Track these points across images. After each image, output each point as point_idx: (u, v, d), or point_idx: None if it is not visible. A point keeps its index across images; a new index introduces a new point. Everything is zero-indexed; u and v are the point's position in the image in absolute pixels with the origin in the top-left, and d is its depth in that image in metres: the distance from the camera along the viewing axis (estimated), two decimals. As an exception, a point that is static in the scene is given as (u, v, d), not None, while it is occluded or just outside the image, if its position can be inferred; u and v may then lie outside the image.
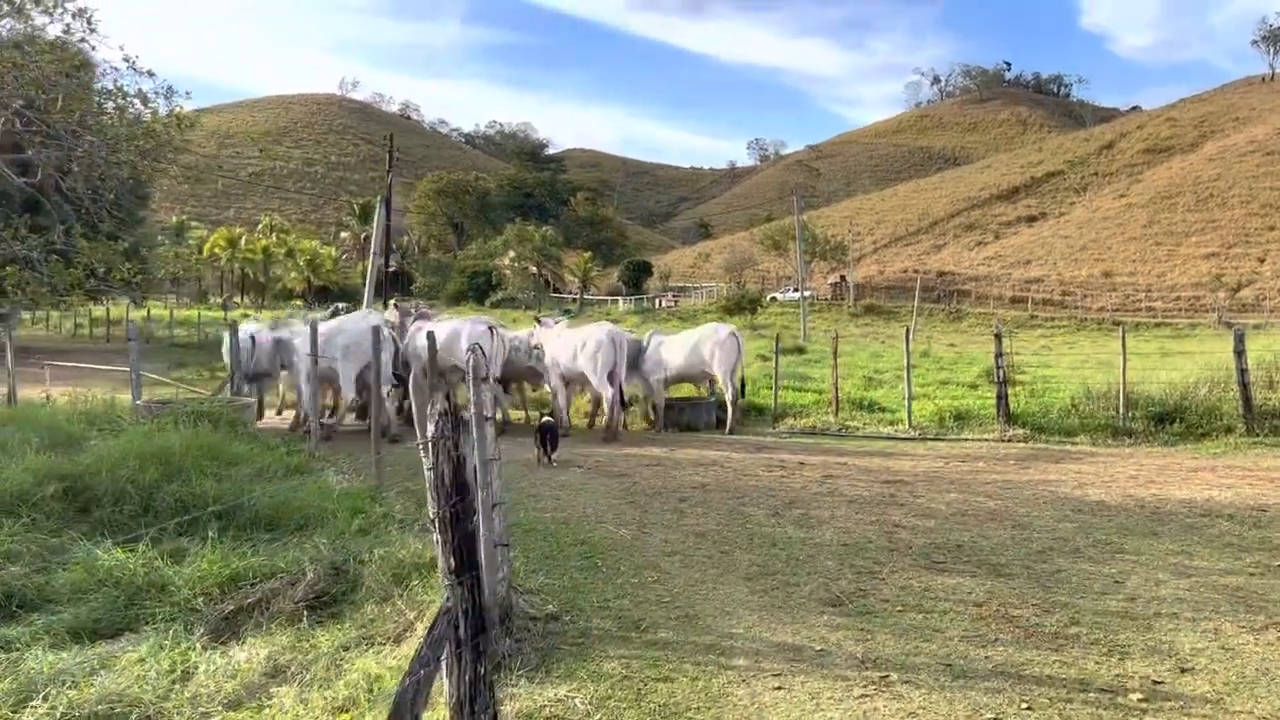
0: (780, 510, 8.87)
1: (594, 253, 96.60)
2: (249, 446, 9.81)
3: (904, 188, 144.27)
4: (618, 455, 12.20)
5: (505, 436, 14.24)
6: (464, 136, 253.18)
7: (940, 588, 6.60)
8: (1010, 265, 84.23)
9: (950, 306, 70.91)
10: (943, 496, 9.48)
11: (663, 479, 10.35)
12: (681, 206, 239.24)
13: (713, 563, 7.26)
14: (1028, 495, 9.57)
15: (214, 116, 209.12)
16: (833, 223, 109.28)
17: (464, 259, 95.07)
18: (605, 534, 8.09)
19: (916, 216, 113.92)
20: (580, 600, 6.51)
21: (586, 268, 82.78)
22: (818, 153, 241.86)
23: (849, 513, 8.77)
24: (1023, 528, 8.24)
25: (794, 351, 35.64)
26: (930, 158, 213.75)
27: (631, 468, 11.14)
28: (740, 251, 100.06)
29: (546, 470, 10.89)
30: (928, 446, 13.58)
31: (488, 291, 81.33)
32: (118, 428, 10.04)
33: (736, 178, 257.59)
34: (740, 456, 12.28)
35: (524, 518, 8.65)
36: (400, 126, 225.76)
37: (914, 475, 10.79)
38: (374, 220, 24.20)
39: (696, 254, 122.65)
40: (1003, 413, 14.60)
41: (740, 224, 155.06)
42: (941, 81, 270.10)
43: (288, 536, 7.79)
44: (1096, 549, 7.59)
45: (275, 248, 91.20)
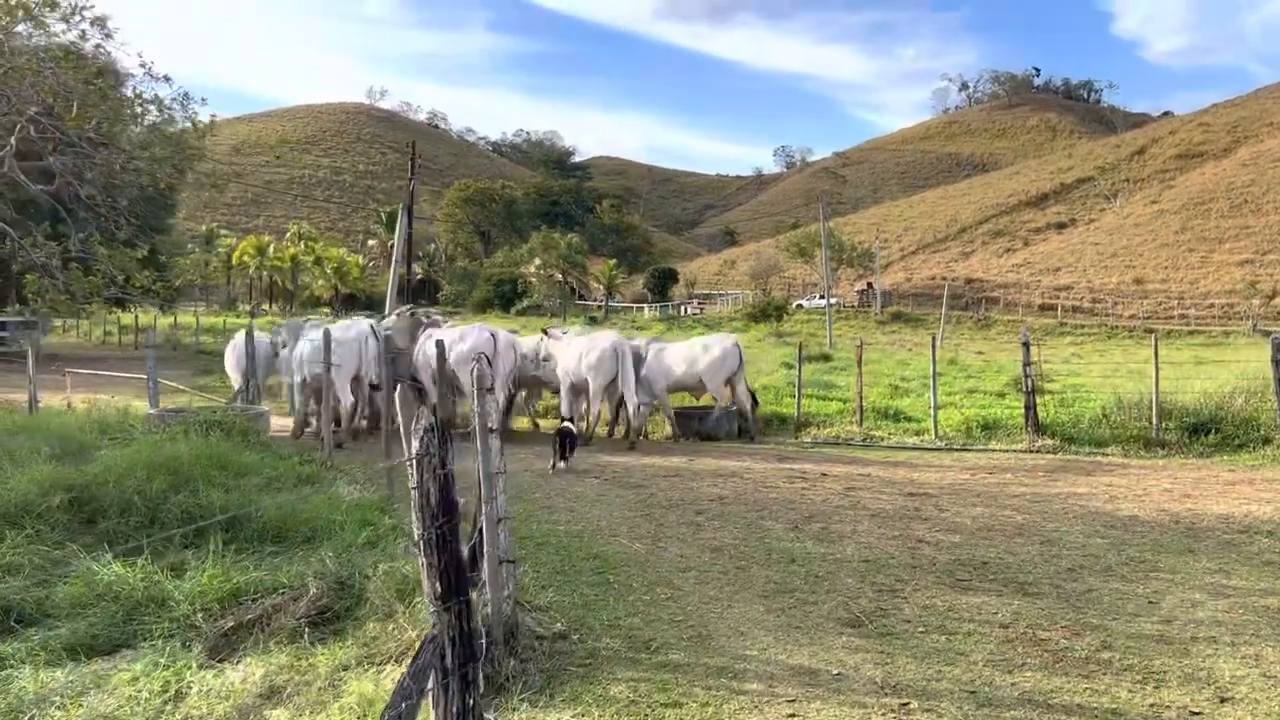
0: (800, 524, 8.62)
1: (619, 260, 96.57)
2: (260, 456, 9.68)
3: (932, 194, 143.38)
4: (636, 465, 11.99)
5: (522, 445, 14.07)
6: (491, 145, 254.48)
7: (964, 608, 6.33)
8: (1039, 272, 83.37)
9: (978, 314, 70.23)
10: (968, 510, 9.19)
11: (680, 491, 10.13)
12: (707, 214, 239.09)
13: (728, 579, 7.02)
14: (1057, 509, 9.27)
15: (245, 126, 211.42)
16: (859, 229, 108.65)
17: (490, 267, 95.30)
18: (619, 548, 7.87)
19: (944, 223, 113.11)
20: (590, 618, 6.29)
21: (612, 275, 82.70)
22: (844, 160, 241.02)
23: (871, 527, 8.51)
24: (1051, 544, 7.95)
25: (819, 359, 35.30)
26: (958, 164, 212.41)
27: (649, 478, 10.92)
28: (766, 259, 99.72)
29: (562, 481, 10.69)
30: (954, 457, 13.27)
31: (514, 299, 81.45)
32: (129, 437, 9.94)
33: (763, 185, 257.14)
34: (761, 467, 12.03)
35: (537, 530, 8.45)
36: (428, 135, 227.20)
37: (939, 488, 10.50)
38: (397, 228, 24.15)
39: (722, 261, 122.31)
40: (1031, 423, 14.26)
41: (766, 231, 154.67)
42: (969, 87, 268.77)
43: (294, 549, 7.64)
44: (1129, 567, 7.30)
45: (303, 255, 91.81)
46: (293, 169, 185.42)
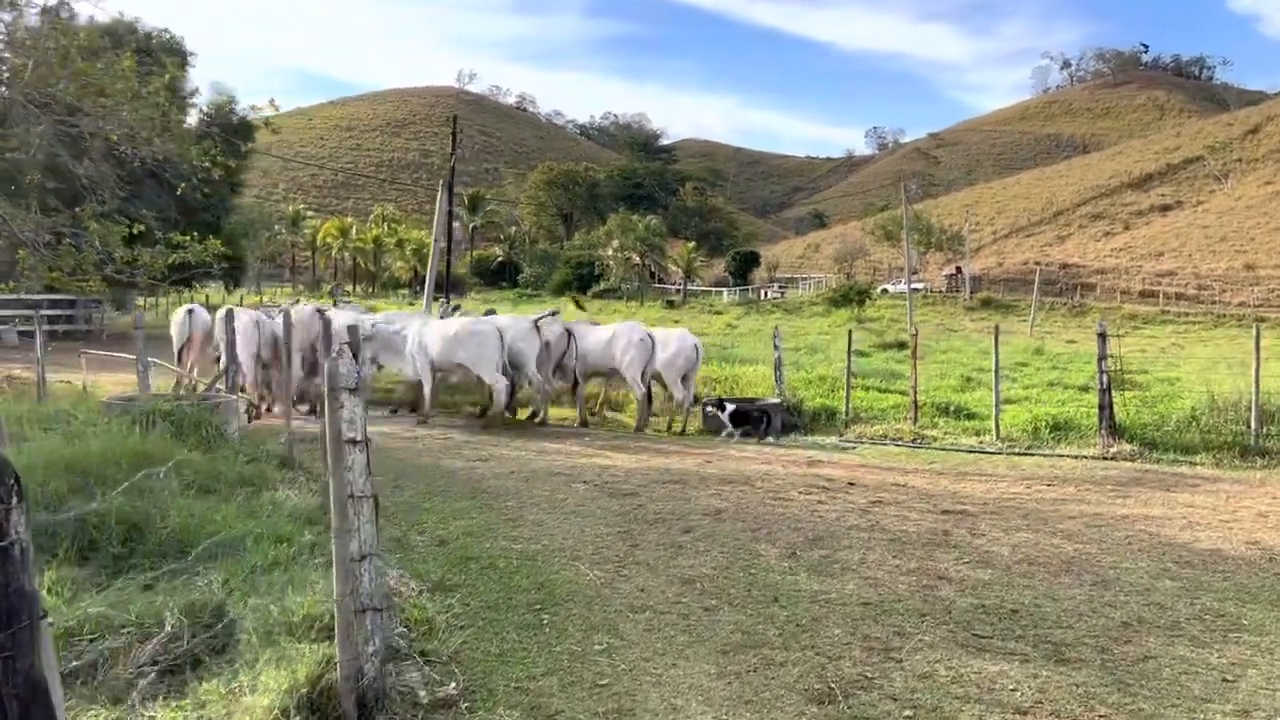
0: (799, 549, 7.20)
1: (701, 243, 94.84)
2: (201, 453, 8.63)
3: (1027, 176, 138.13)
4: (639, 468, 10.65)
5: (525, 438, 12.88)
6: (578, 128, 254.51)
7: (974, 678, 4.88)
8: (1141, 257, 79.15)
9: (1073, 300, 66.82)
10: (1008, 537, 7.63)
11: (674, 501, 8.77)
12: (796, 197, 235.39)
13: (687, 625, 5.68)
14: (1119, 538, 7.65)
15: (337, 110, 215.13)
16: (949, 212, 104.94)
17: (570, 249, 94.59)
18: (572, 576, 6.58)
19: (1040, 206, 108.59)
20: (497, 676, 5.02)
21: (690, 258, 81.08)
22: (938, 141, 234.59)
23: (884, 556, 7.05)
24: (1105, 586, 6.40)
25: (895, 347, 33.41)
26: (1058, 145, 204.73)
27: (646, 484, 9.58)
28: (851, 242, 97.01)
29: (546, 487, 9.42)
30: (1011, 463, 11.61)
31: (591, 282, 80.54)
32: (66, 428, 9.01)
33: (853, 167, 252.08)
34: (784, 473, 10.59)
35: (488, 549, 7.21)
36: (515, 118, 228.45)
37: (981, 503, 8.94)
38: (436, 205, 23.18)
39: (806, 244, 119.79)
40: (1106, 424, 12.50)
41: (855, 214, 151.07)
42: (1072, 65, 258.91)
43: (196, 566, 6.55)
44: (1202, 624, 5.73)
45: (386, 237, 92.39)
46: (383, 152, 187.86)
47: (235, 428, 10.09)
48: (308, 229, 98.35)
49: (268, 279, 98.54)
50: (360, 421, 4.63)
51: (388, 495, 9.06)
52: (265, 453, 9.56)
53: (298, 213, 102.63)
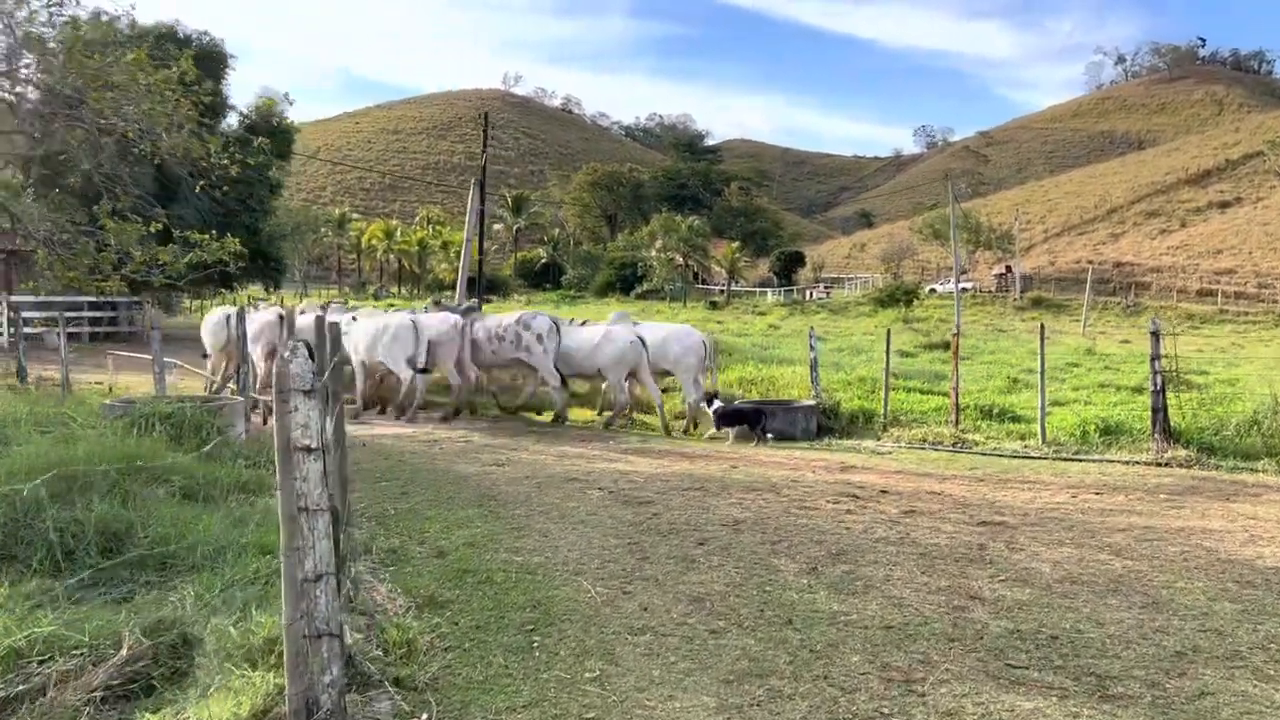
0: (821, 565, 6.66)
1: (746, 243, 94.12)
2: (197, 457, 8.28)
3: (1079, 173, 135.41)
4: (659, 474, 10.15)
5: (548, 441, 12.42)
6: (623, 129, 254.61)
7: (1006, 716, 4.34)
8: (1198, 255, 77.05)
9: (1128, 299, 65.14)
10: (1050, 551, 7.02)
11: (692, 511, 8.26)
12: (842, 196, 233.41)
13: (690, 650, 5.18)
14: (1173, 554, 7.01)
15: (384, 113, 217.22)
16: (999, 210, 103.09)
17: (613, 250, 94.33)
18: (572, 593, 6.10)
19: (1093, 204, 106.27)
20: (474, 708, 4.57)
21: (734, 258, 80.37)
22: (988, 139, 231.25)
23: (913, 572, 6.48)
24: (1156, 608, 5.79)
25: (941, 347, 32.56)
26: (1112, 142, 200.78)
27: (664, 491, 9.08)
28: (898, 241, 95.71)
29: (557, 493, 8.96)
30: (1057, 470, 10.94)
31: (634, 283, 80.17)
32: (63, 431, 8.73)
33: (901, 166, 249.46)
34: (812, 479, 10.03)
35: (487, 561, 6.76)
36: (561, 120, 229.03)
37: (1022, 514, 8.31)
38: (469, 203, 22.86)
39: (853, 244, 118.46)
40: (1160, 428, 11.77)
41: (903, 213, 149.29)
42: (1126, 61, 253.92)
43: (175, 579, 6.21)
44: (1266, 653, 5.12)
45: (430, 239, 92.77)
46: (429, 155, 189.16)
47: (240, 431, 9.76)
48: (353, 231, 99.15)
49: (315, 281, 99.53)
50: (317, 427, 4.19)
51: (393, 502, 8.68)
52: (267, 457, 9.19)
53: (344, 215, 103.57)
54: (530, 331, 15.08)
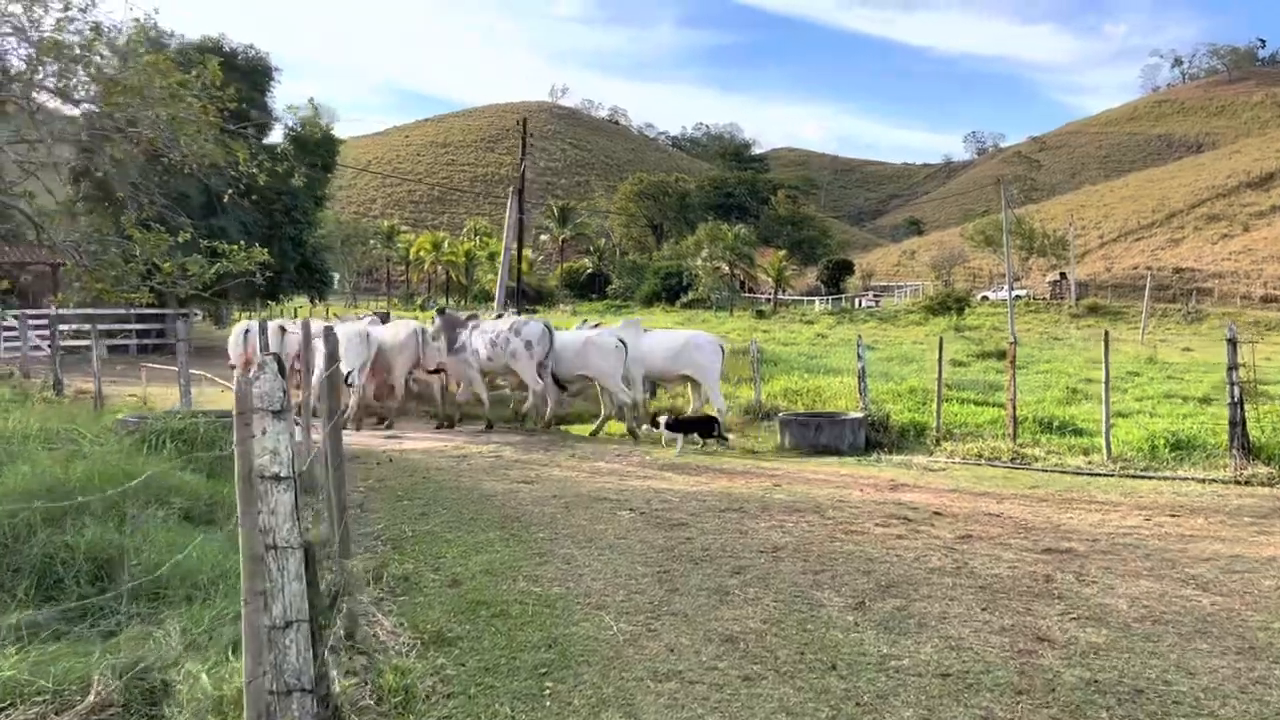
0: (869, 598, 6.03)
1: (793, 252, 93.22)
2: (207, 476, 7.86)
3: (1135, 177, 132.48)
4: (696, 492, 9.55)
5: (582, 456, 11.88)
6: (670, 139, 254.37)
7: (1087, 792, 3.69)
8: (1262, 260, 74.72)
9: (1188, 306, 63.24)
10: (1126, 585, 6.32)
11: (729, 534, 7.66)
12: (892, 204, 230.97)
13: (719, 701, 4.59)
14: (1267, 588, 6.27)
15: (433, 126, 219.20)
16: (1053, 216, 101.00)
17: (658, 260, 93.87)
18: (593, 630, 5.54)
19: (1150, 208, 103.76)
20: (471, 768, 4.02)
21: (781, 267, 79.46)
22: (1041, 144, 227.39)
23: (972, 609, 5.83)
24: (1254, 654, 5.09)
25: (995, 356, 31.56)
26: (1169, 146, 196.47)
27: (700, 512, 8.48)
28: (949, 248, 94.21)
29: (586, 514, 8.40)
30: (1126, 489, 10.16)
31: (680, 293, 79.59)
32: (70, 448, 8.36)
33: (951, 173, 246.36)
34: (859, 498, 9.37)
35: (504, 592, 6.22)
36: (607, 131, 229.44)
37: (1091, 539, 7.60)
38: (507, 212, 22.47)
39: (902, 252, 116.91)
40: (1238, 442, 10.93)
41: (953, 220, 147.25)
42: (1184, 63, 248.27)
43: (167, 610, 5.75)
44: (1391, 713, 4.41)
45: (477, 250, 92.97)
46: (477, 167, 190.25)
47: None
48: (401, 243, 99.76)
49: (364, 293, 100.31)
50: (287, 453, 3.68)
51: (412, 523, 8.19)
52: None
53: (392, 228, 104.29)
54: (520, 338, 14.73)
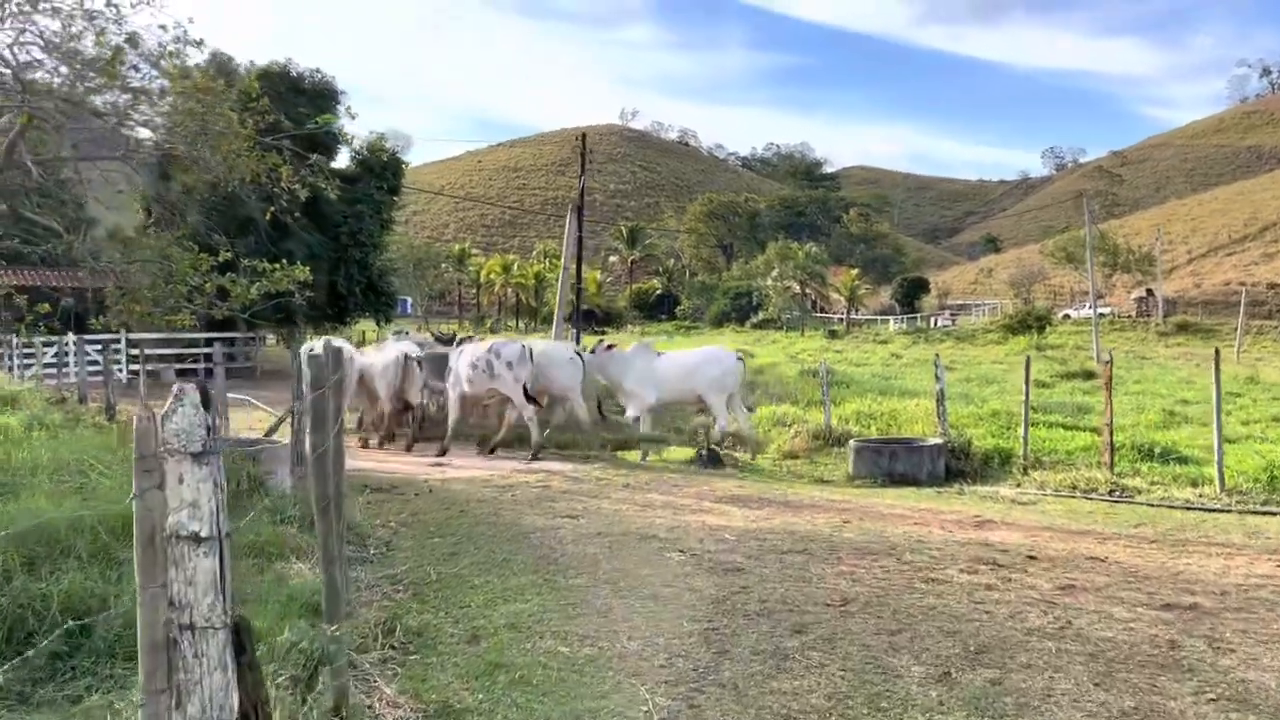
0: (956, 668, 5.05)
1: (866, 270, 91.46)
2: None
3: (1225, 190, 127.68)
4: (756, 529, 8.60)
5: (636, 487, 11.01)
6: (740, 160, 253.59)
7: None
8: (1365, 273, 70.97)
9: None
10: (1271, 653, 5.24)
11: (790, 583, 6.72)
12: (967, 221, 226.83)
13: (770, 808, 3.68)
14: None
15: (505, 151, 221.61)
16: (1137, 231, 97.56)
17: (728, 280, 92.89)
18: (623, 705, 4.67)
19: (1242, 222, 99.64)
20: None
21: (854, 285, 77.85)
22: (1122, 158, 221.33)
23: (1082, 683, 4.82)
24: None
25: (1081, 376, 29.97)
26: (1259, 158, 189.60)
27: (759, 554, 7.54)
28: (1028, 265, 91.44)
29: (634, 555, 7.52)
30: (1249, 528, 8.96)
31: (750, 313, 78.48)
32: (80, 480, 7.76)
33: (1029, 189, 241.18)
34: (940, 537, 8.35)
35: (527, 652, 5.39)
36: (677, 153, 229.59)
37: (1219, 592, 6.50)
38: (565, 231, 21.82)
39: (979, 269, 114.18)
40: (1376, 475, 9.65)
41: (1032, 237, 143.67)
42: (1273, 73, 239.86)
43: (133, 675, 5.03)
44: None
45: (546, 272, 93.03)
46: (548, 190, 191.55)
47: (283, 477, 8.67)
48: (472, 267, 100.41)
49: (437, 315, 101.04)
50: (211, 508, 2.89)
51: (439, 564, 7.40)
52: (303, 511, 8.05)
53: (463, 251, 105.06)
54: (500, 360, 14.11)
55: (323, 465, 4.69)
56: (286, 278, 12.16)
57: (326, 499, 4.66)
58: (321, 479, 4.69)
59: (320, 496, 4.66)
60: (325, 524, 4.69)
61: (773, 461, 14.70)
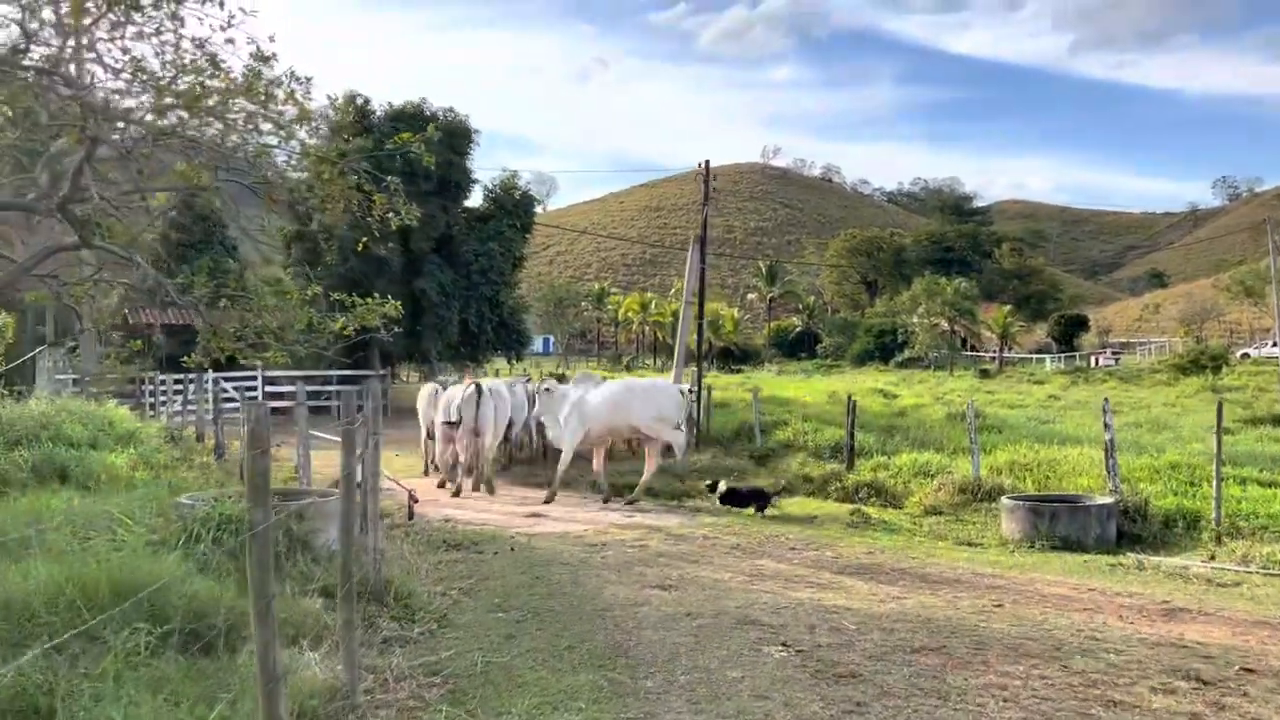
0: None
1: (1020, 307, 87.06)
2: (237, 579, 6.13)
3: None
4: (882, 613, 7.01)
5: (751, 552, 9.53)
6: (885, 195, 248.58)
7: None
8: None
9: None
10: None
11: (919, 698, 5.15)
12: (1129, 256, 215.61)
13: None
14: None
15: (647, 191, 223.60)
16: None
17: (871, 317, 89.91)
18: None
19: None
20: None
21: (1006, 323, 73.93)
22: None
23: None
24: None
25: (1269, 421, 26.68)
26: None
27: (883, 653, 5.97)
28: (1200, 301, 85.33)
29: (725, 648, 6.09)
30: None
31: (894, 351, 75.52)
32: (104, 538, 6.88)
33: (1198, 221, 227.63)
34: (1119, 632, 6.59)
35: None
36: (820, 189, 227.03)
37: None
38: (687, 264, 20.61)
39: (1144, 306, 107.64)
40: None
41: (1202, 271, 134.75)
42: None
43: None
44: None
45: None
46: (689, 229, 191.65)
47: (333, 537, 7.60)
48: (611, 305, 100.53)
49: (578, 354, 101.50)
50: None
51: (492, 650, 6.16)
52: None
53: (603, 290, 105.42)
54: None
55: (264, 547, 3.51)
56: (372, 312, 11.27)
57: (265, 598, 3.47)
58: (261, 557, 3.50)
59: (258, 581, 3.49)
60: (259, 608, 3.52)
61: (911, 519, 12.96)
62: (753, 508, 12.90)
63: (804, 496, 15.16)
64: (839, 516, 12.44)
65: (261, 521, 3.60)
